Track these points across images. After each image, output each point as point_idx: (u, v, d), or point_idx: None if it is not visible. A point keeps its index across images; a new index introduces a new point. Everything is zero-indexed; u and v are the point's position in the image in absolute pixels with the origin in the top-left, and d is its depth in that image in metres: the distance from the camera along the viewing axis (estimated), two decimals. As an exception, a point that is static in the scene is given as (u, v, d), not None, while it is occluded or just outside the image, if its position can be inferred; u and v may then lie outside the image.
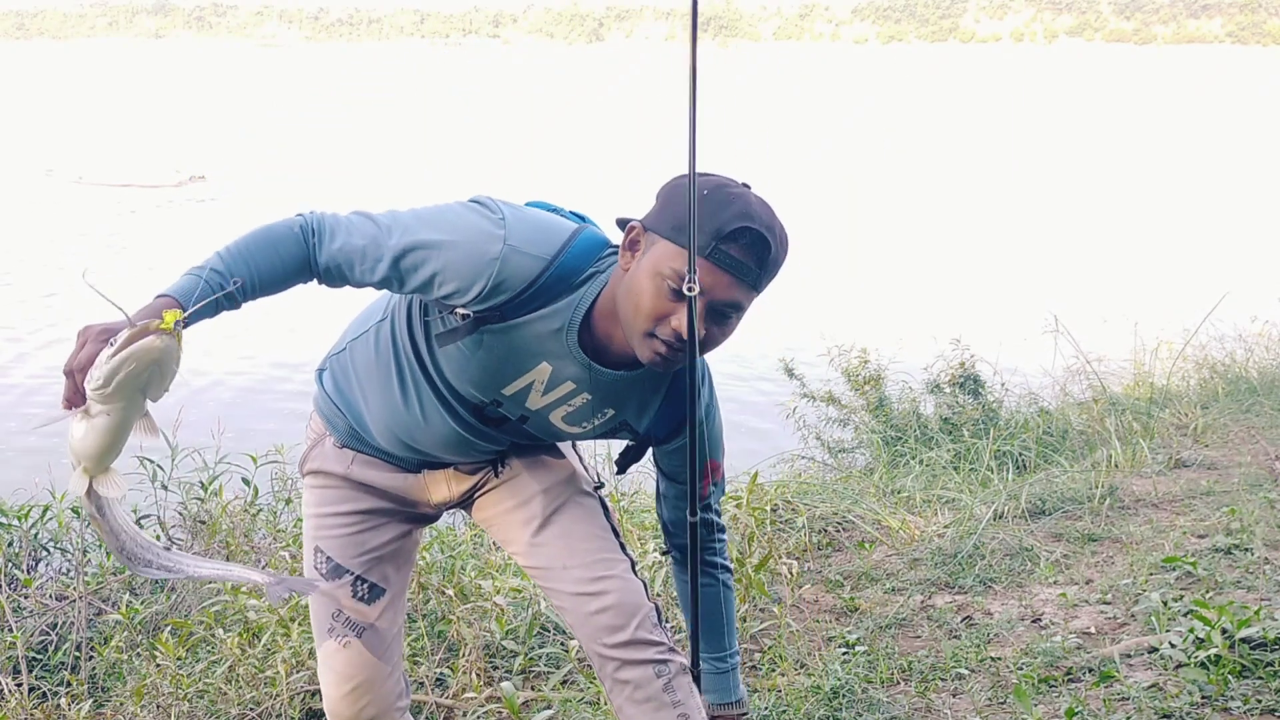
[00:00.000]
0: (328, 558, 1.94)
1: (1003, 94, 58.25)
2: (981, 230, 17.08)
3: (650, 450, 1.91)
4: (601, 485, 2.06)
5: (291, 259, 1.71)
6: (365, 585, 1.94)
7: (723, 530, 1.99)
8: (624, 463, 1.94)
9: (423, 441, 1.88)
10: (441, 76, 78.97)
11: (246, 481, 4.34)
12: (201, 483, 4.27)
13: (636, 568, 1.96)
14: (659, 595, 3.27)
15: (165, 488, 4.28)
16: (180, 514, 4.26)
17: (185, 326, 1.54)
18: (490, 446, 1.91)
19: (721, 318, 1.63)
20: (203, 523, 4.14)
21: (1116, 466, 4.76)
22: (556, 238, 1.70)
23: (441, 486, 1.97)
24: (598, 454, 4.21)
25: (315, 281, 1.74)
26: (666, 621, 1.95)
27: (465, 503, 2.03)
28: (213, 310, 1.65)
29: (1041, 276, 12.74)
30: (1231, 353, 7.19)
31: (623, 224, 1.71)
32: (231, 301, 1.68)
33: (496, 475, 1.99)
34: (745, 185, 1.66)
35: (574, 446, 2.08)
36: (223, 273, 1.65)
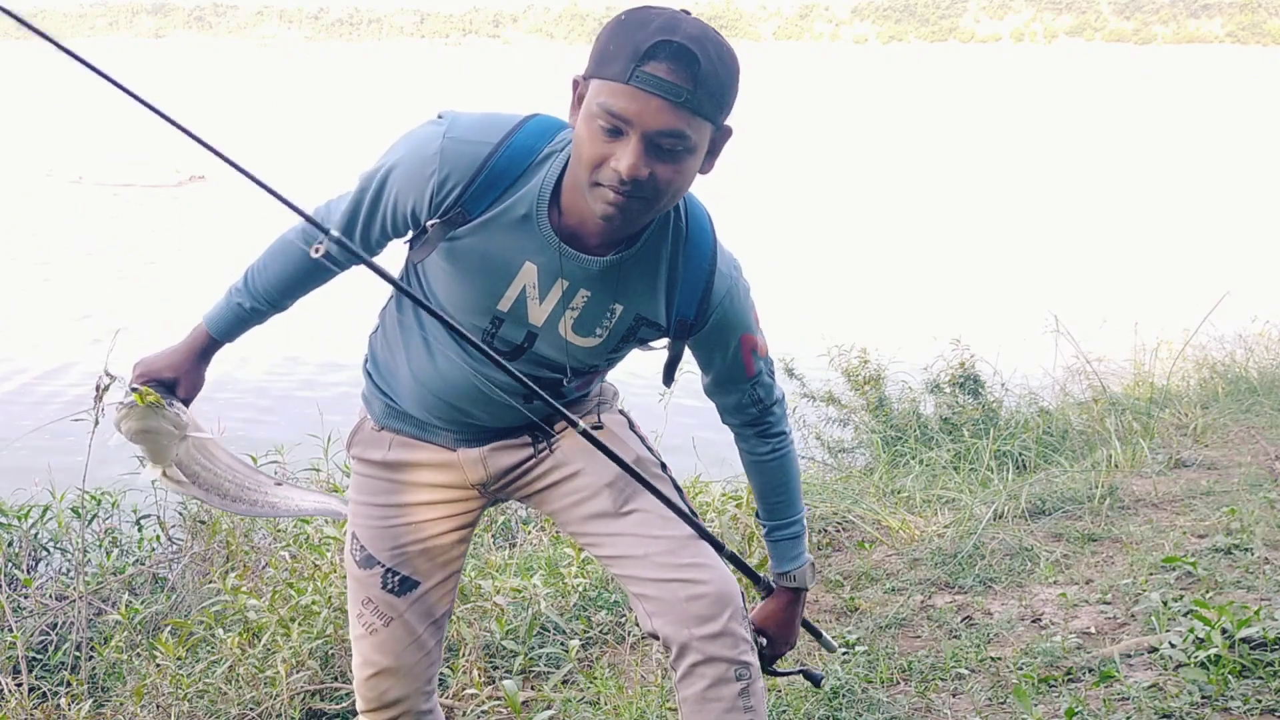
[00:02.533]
0: (361, 545, 1.93)
1: (1003, 94, 58.24)
2: (982, 230, 17.08)
3: (689, 349, 1.83)
4: (665, 465, 1.98)
5: (301, 259, 1.76)
6: (396, 578, 1.91)
7: (778, 402, 1.91)
8: (668, 369, 1.86)
9: (448, 396, 1.82)
10: (441, 76, 78.96)
11: (246, 481, 4.34)
12: (202, 482, 4.26)
13: (723, 546, 1.90)
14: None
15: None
16: (180, 514, 4.26)
17: (219, 346, 1.96)
18: (513, 394, 1.78)
19: (666, 153, 1.50)
20: (203, 523, 4.14)
21: (1116, 466, 4.76)
22: (503, 123, 1.65)
23: (478, 466, 1.89)
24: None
25: (338, 270, 1.74)
26: (748, 610, 1.90)
27: (512, 487, 1.94)
28: (240, 328, 1.93)
29: (1042, 276, 12.74)
30: (1231, 353, 7.19)
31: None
32: (258, 316, 1.83)
33: (537, 451, 1.90)
34: (683, 12, 1.53)
35: (631, 428, 1.98)
36: (243, 289, 1.77)
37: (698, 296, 1.73)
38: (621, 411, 2.00)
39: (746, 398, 1.87)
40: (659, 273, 1.72)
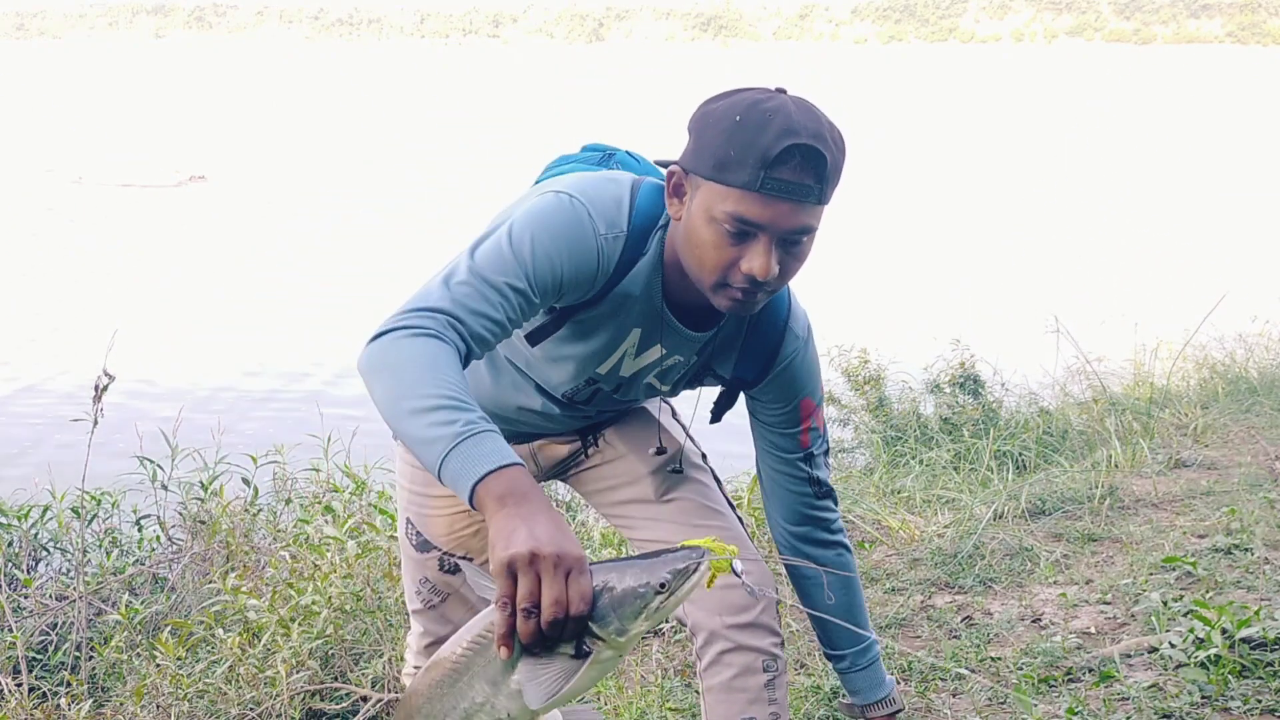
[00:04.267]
0: (417, 532, 1.99)
1: (1003, 94, 58.25)
2: (982, 230, 17.07)
3: (745, 402, 1.82)
4: (706, 455, 1.99)
5: (455, 363, 1.40)
6: (453, 559, 1.98)
7: (835, 499, 1.87)
8: (718, 410, 1.84)
9: (505, 411, 1.84)
10: (441, 76, 78.95)
11: (246, 481, 4.35)
12: (201, 483, 4.27)
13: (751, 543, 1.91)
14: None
15: (165, 488, 4.28)
16: (180, 514, 4.26)
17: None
18: (581, 415, 1.87)
19: (793, 245, 1.49)
20: (203, 523, 4.14)
21: (1116, 466, 4.76)
22: (622, 202, 1.59)
23: (528, 461, 1.92)
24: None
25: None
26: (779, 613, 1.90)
27: (560, 474, 2.00)
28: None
29: (1042, 277, 12.74)
30: (1231, 353, 7.19)
31: (663, 166, 1.62)
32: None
33: (586, 449, 1.95)
34: (779, 90, 1.50)
35: (675, 416, 2.01)
36: (466, 412, 1.30)
37: (764, 356, 1.73)
38: (667, 400, 2.01)
39: (803, 475, 1.82)
40: (736, 340, 1.73)
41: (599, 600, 1.16)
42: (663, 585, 1.19)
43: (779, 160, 1.41)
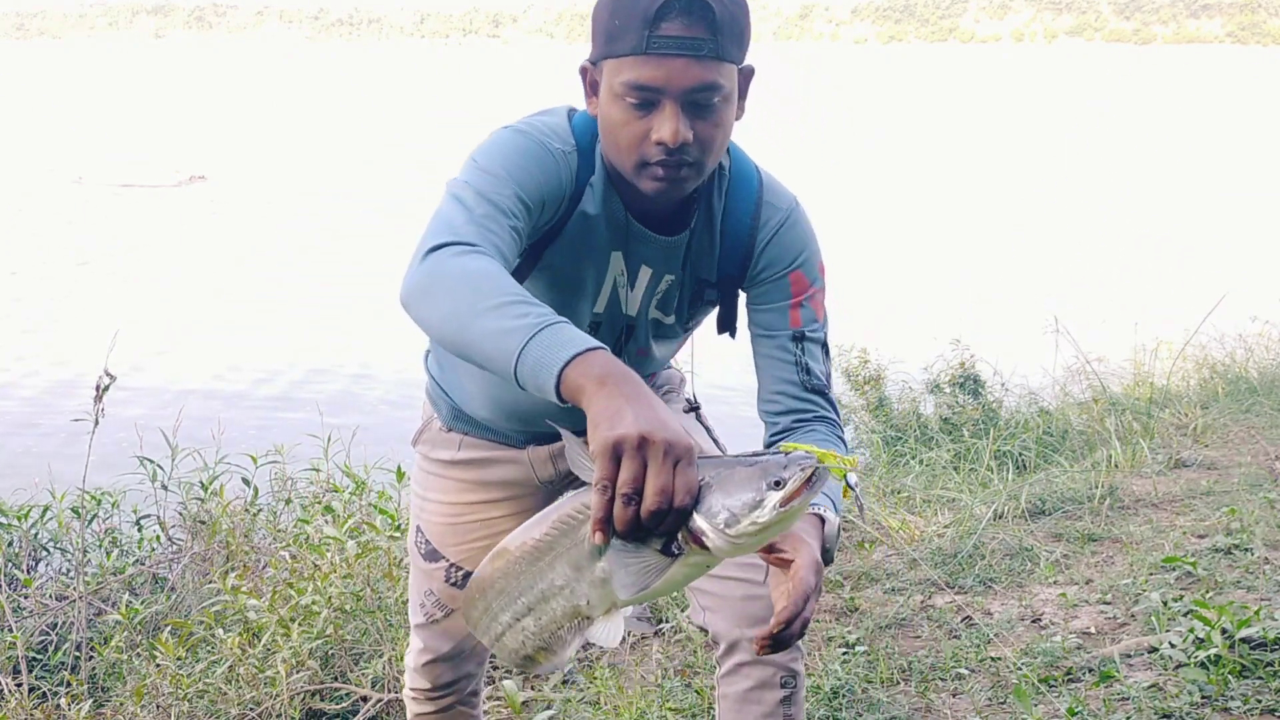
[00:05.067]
0: (426, 540, 1.93)
1: (1003, 94, 58.25)
2: (982, 230, 17.07)
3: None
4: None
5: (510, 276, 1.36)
6: (460, 573, 1.90)
7: (830, 401, 1.67)
8: (723, 319, 1.76)
9: (524, 404, 1.75)
10: (441, 76, 78.97)
11: (246, 481, 4.35)
12: (201, 483, 4.27)
13: None
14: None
15: (165, 488, 4.28)
16: (180, 514, 4.26)
17: None
18: None
19: (703, 109, 1.45)
20: (203, 523, 4.14)
21: (1116, 466, 4.76)
22: (564, 125, 1.59)
23: (547, 465, 1.86)
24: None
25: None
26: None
27: (576, 480, 1.92)
28: None
29: (1042, 277, 12.74)
30: (1231, 353, 7.19)
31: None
32: None
33: None
34: None
35: (699, 417, 1.92)
36: (532, 306, 1.25)
37: (744, 238, 1.65)
38: (689, 401, 1.95)
39: (790, 358, 1.65)
40: (713, 228, 1.66)
41: (704, 496, 1.08)
42: (778, 483, 1.08)
43: (659, 16, 1.40)
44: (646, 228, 1.62)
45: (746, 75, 1.55)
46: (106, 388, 3.28)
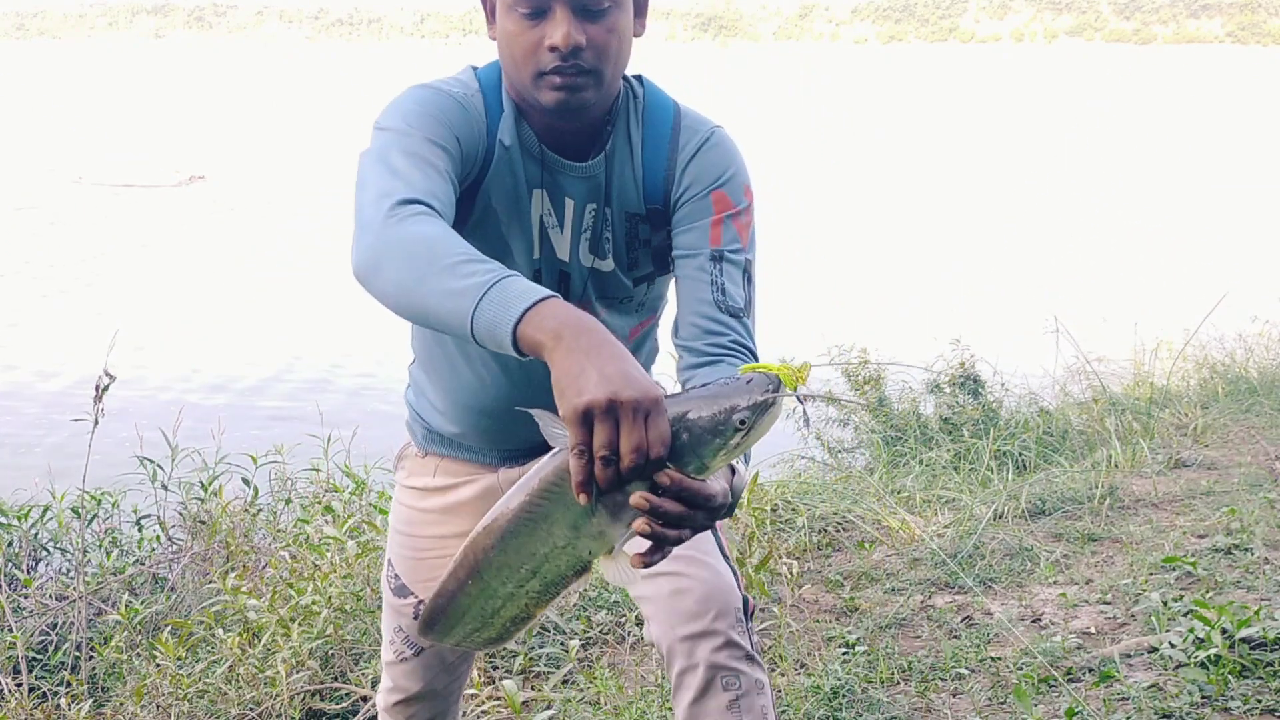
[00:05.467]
0: (396, 574, 1.88)
1: (1003, 94, 58.24)
2: (982, 230, 17.07)
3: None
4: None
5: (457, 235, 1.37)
6: None
7: (747, 327, 1.56)
8: (660, 260, 1.66)
9: (490, 404, 1.72)
10: (441, 77, 78.75)
11: (246, 481, 4.35)
12: (201, 483, 4.28)
13: (727, 552, 1.70)
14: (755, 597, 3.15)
15: (165, 488, 4.28)
16: (180, 514, 4.27)
17: None
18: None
19: (594, 14, 1.46)
20: (203, 523, 4.14)
21: (1116, 466, 4.76)
22: (465, 75, 1.61)
23: None
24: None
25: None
26: (753, 618, 1.68)
27: None
28: None
29: (1042, 276, 12.74)
30: (1231, 353, 7.19)
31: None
32: None
33: None
34: None
35: None
36: (487, 262, 1.25)
37: (664, 162, 1.61)
38: None
39: (705, 277, 1.55)
40: (633, 156, 1.63)
41: (676, 440, 1.12)
42: (741, 423, 1.13)
43: None
44: (561, 157, 1.60)
45: None
46: (106, 388, 3.28)
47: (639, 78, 1.67)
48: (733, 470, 1.33)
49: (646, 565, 1.18)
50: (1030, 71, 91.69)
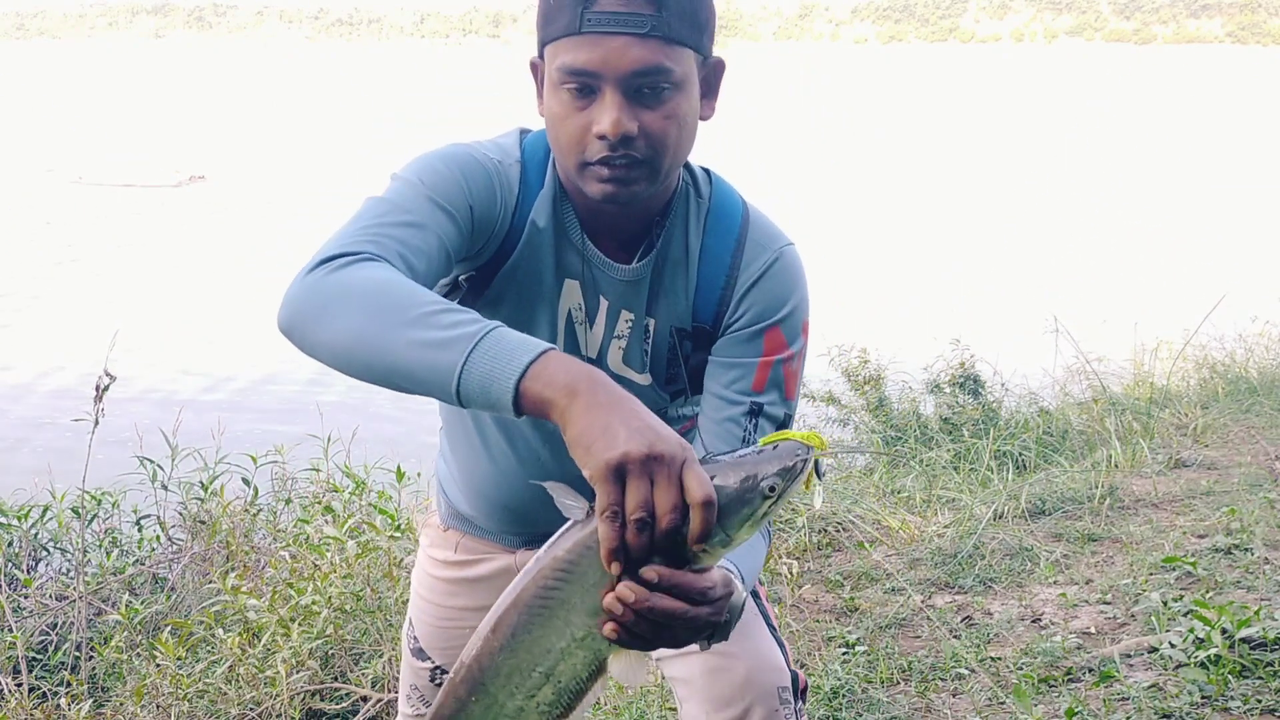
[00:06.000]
0: (415, 637, 1.82)
1: (1003, 94, 58.25)
2: (982, 230, 17.07)
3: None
4: None
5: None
6: (445, 675, 1.76)
7: None
8: (697, 383, 1.50)
9: (507, 499, 1.61)
10: (441, 76, 78.95)
11: (246, 481, 4.35)
12: (201, 483, 4.28)
13: (775, 624, 1.56)
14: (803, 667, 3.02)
15: (165, 488, 4.28)
16: (180, 514, 4.27)
17: None
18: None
19: (649, 97, 1.28)
20: (203, 523, 4.14)
21: (1116, 466, 4.76)
22: (510, 142, 1.45)
23: None
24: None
25: None
26: (805, 698, 1.52)
27: None
28: None
29: (1041, 277, 12.74)
30: (1231, 353, 7.19)
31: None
32: None
33: None
34: None
35: None
36: (468, 312, 1.13)
37: (722, 279, 1.44)
38: None
39: (739, 432, 1.43)
40: (688, 267, 1.46)
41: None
42: (771, 489, 1.05)
43: None
44: (604, 253, 1.44)
45: (713, 69, 1.38)
46: (106, 388, 3.28)
47: (707, 171, 1.50)
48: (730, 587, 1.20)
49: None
50: (1030, 71, 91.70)
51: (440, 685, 1.76)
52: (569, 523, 1.07)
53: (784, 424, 1.46)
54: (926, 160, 26.59)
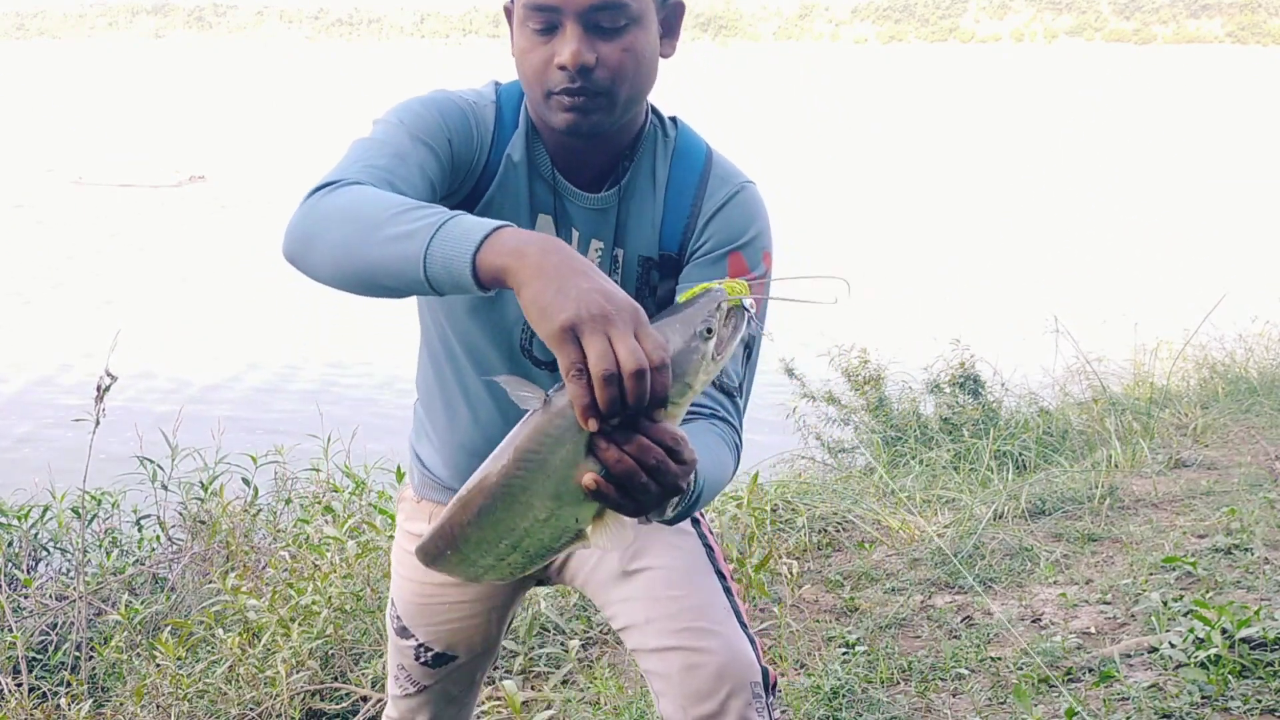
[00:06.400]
0: (398, 615, 1.85)
1: (1003, 94, 58.24)
2: (982, 230, 17.08)
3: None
4: (699, 520, 1.68)
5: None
6: (429, 653, 1.81)
7: (738, 406, 1.51)
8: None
9: (482, 445, 1.58)
10: (441, 76, 78.91)
11: (246, 481, 4.35)
12: (201, 483, 4.28)
13: (745, 619, 1.60)
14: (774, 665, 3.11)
15: (165, 488, 4.29)
16: (180, 514, 4.27)
17: None
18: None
19: (608, 32, 1.37)
20: (203, 523, 4.15)
21: (1116, 466, 4.76)
22: (484, 88, 1.54)
23: None
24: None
25: None
26: (776, 693, 1.57)
27: (546, 569, 1.79)
28: None
29: (1042, 277, 12.74)
30: (1231, 353, 7.20)
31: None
32: None
33: None
34: None
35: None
36: (434, 206, 1.21)
37: (687, 208, 1.53)
38: None
39: None
40: (654, 198, 1.54)
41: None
42: (709, 331, 1.12)
43: None
44: (574, 184, 1.53)
45: (673, 9, 1.47)
46: (107, 388, 3.29)
47: (674, 119, 1.59)
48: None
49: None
50: (1030, 71, 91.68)
51: (425, 663, 1.83)
52: (528, 413, 1.12)
53: (749, 345, 1.52)
54: (927, 160, 26.60)
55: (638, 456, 1.05)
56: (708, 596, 1.58)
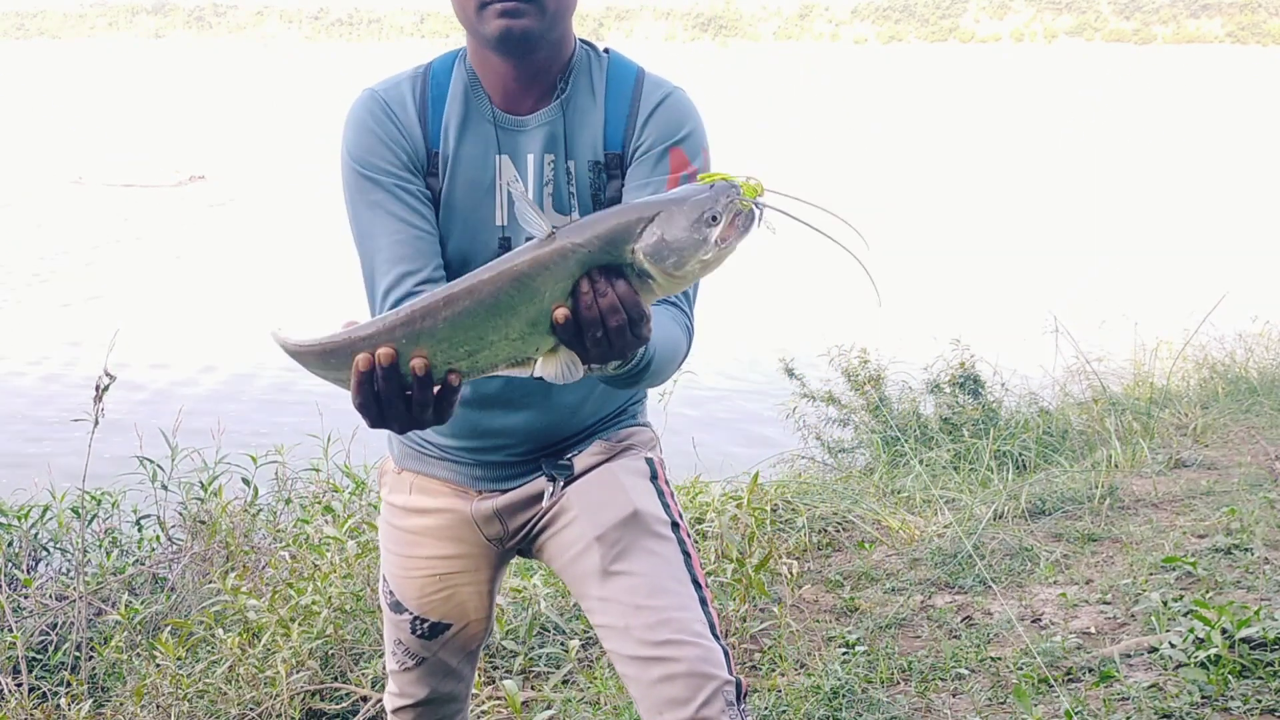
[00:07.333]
0: (390, 591, 1.87)
1: (1003, 94, 58.23)
2: (982, 230, 17.07)
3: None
4: (678, 524, 1.71)
5: None
6: (425, 624, 1.84)
7: (689, 302, 1.63)
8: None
9: (470, 400, 1.69)
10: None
11: (246, 481, 4.35)
12: (201, 483, 4.27)
13: (718, 629, 1.64)
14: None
15: (165, 488, 4.28)
16: (180, 514, 4.26)
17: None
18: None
19: None
20: (203, 523, 4.14)
21: (1116, 466, 4.76)
22: (416, 66, 1.72)
23: (493, 522, 1.77)
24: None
25: None
26: (746, 700, 1.61)
27: (524, 541, 1.82)
28: None
29: (1041, 277, 12.73)
30: (1231, 353, 7.19)
31: None
32: None
33: (550, 496, 1.73)
34: None
35: (653, 478, 1.76)
36: None
37: (626, 109, 1.65)
38: (649, 461, 1.78)
39: None
40: (595, 106, 1.66)
41: (647, 237, 1.20)
42: (713, 218, 1.20)
43: None
44: (516, 114, 1.65)
45: None
46: (106, 388, 3.28)
47: (607, 50, 1.72)
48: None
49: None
50: (1030, 71, 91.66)
51: (421, 635, 1.86)
52: (533, 240, 1.21)
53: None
54: (927, 160, 26.59)
55: (604, 311, 1.19)
56: (687, 605, 1.63)
